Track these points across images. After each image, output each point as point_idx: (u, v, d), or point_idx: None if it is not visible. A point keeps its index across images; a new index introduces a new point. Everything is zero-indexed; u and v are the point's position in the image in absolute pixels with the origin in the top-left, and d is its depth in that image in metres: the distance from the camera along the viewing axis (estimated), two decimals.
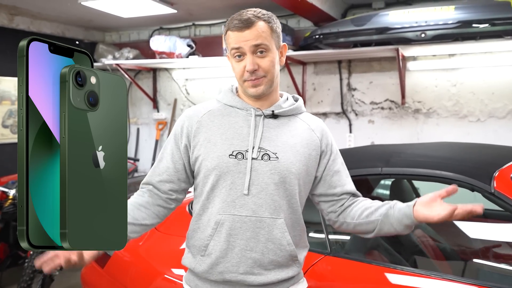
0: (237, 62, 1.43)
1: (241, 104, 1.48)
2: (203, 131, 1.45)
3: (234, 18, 1.43)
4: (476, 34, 3.35)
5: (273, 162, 1.42)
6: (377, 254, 2.16)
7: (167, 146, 1.52)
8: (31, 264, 3.28)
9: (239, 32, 1.41)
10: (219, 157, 1.41)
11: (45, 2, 4.24)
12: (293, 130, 1.48)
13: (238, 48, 1.41)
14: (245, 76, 1.42)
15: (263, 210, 1.41)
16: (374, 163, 1.98)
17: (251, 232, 1.41)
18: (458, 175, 1.71)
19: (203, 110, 1.51)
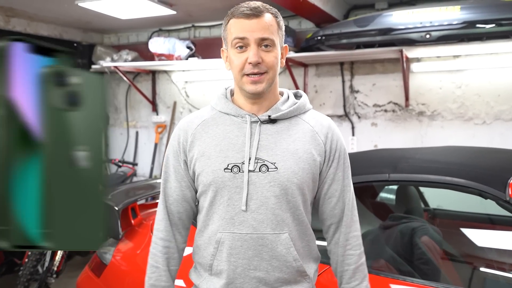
0: (238, 53, 1.30)
1: (235, 111, 1.36)
2: (197, 144, 1.37)
3: (241, 5, 1.32)
4: (482, 35, 3.26)
5: (272, 173, 1.31)
6: (384, 263, 2.08)
7: (169, 163, 1.44)
8: (26, 272, 3.20)
9: (246, 19, 1.29)
10: (214, 171, 1.32)
11: (42, 4, 4.17)
12: (294, 135, 1.36)
13: (242, 38, 1.29)
14: (246, 69, 1.29)
15: (264, 226, 1.31)
16: (381, 169, 1.89)
17: (253, 250, 1.32)
18: (470, 181, 1.62)
19: (196, 120, 1.41)
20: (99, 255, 2.49)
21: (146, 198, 2.71)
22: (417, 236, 2.12)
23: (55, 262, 3.45)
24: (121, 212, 2.46)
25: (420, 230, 2.11)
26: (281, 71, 4.65)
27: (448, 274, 2.21)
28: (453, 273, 2.24)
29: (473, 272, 2.20)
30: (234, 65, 1.32)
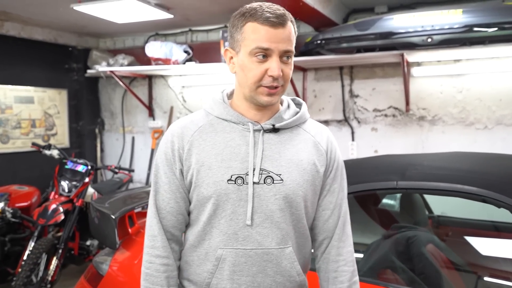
0: (258, 62, 1.20)
1: (237, 118, 1.27)
2: (195, 152, 1.26)
3: (264, 10, 1.19)
4: (484, 39, 3.22)
5: (278, 185, 1.24)
6: (391, 273, 2.02)
7: (161, 173, 1.32)
8: (20, 282, 3.10)
9: (271, 28, 1.19)
10: (216, 183, 1.23)
11: (37, 7, 4.09)
12: (298, 145, 1.30)
13: (266, 49, 1.19)
14: (265, 81, 1.21)
15: (270, 241, 1.24)
16: (388, 176, 1.83)
17: (257, 266, 1.24)
18: (483, 189, 1.56)
19: (193, 126, 1.30)
20: (95, 265, 2.41)
21: (143, 206, 2.64)
22: (414, 246, 2.05)
23: (50, 271, 3.36)
24: (118, 221, 2.38)
25: (416, 239, 2.04)
26: None
27: (453, 283, 2.15)
28: (458, 281, 2.18)
29: (478, 281, 2.14)
30: (251, 74, 1.22)
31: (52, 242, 3.40)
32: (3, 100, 4.69)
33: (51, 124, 5.21)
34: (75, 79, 5.46)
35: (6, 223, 3.55)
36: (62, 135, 5.35)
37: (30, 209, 3.87)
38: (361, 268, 1.96)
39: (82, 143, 5.55)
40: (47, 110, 5.16)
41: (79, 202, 3.68)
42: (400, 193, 2.20)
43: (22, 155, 4.84)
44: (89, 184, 3.82)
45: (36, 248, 3.26)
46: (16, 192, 3.92)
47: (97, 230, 2.62)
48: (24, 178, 4.62)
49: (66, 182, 3.80)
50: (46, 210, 3.50)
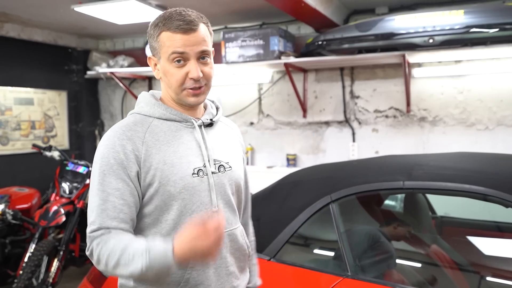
0: (177, 67, 1.28)
1: (180, 116, 1.34)
2: (153, 152, 1.26)
3: (174, 18, 1.27)
4: (486, 39, 3.22)
5: (229, 173, 1.38)
6: (396, 273, 2.01)
7: (108, 180, 1.23)
8: (21, 284, 3.08)
9: (183, 34, 1.26)
10: (182, 178, 1.27)
11: (37, 9, 4.08)
12: (227, 136, 1.46)
13: (182, 53, 1.27)
14: (188, 84, 1.29)
15: (230, 223, 1.37)
16: (394, 176, 1.83)
17: (226, 248, 1.36)
18: (491, 189, 1.56)
19: (139, 128, 1.29)
20: None
21: None
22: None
23: (51, 273, 3.35)
24: None
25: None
26: (281, 76, 4.60)
27: (456, 283, 2.14)
28: (462, 282, 2.18)
29: (481, 281, 2.14)
30: (173, 79, 1.30)
31: (53, 244, 3.38)
32: (3, 102, 4.67)
33: (51, 125, 5.19)
34: (74, 81, 5.45)
35: (6, 225, 3.53)
36: (62, 136, 5.33)
37: (30, 211, 3.85)
38: (367, 268, 1.96)
39: (81, 145, 5.53)
40: (47, 112, 5.14)
41: (80, 204, 3.66)
42: (406, 193, 2.19)
43: (22, 157, 4.82)
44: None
45: (37, 250, 3.24)
46: (17, 194, 3.90)
47: None
48: (24, 180, 4.60)
49: (67, 183, 3.78)
50: (47, 212, 3.48)
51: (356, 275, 1.77)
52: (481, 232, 2.58)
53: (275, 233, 2.01)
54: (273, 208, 2.11)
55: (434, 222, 2.66)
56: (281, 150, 4.66)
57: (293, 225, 1.96)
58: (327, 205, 1.92)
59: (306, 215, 1.95)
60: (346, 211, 1.96)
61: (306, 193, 2.02)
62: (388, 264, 2.02)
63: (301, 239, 2.05)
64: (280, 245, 1.96)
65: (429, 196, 2.64)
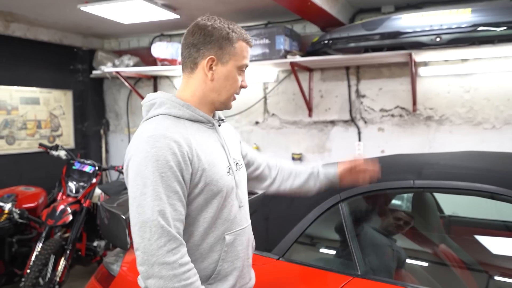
0: (239, 75, 1.40)
1: (206, 118, 1.40)
2: (200, 154, 1.31)
3: (244, 31, 1.41)
4: (493, 38, 3.21)
5: (242, 169, 1.48)
6: (405, 273, 2.00)
7: (167, 182, 1.23)
8: (28, 283, 3.09)
9: (250, 48, 1.42)
10: (222, 177, 1.35)
11: (43, 8, 4.09)
12: (229, 133, 1.54)
13: (247, 65, 1.41)
14: (238, 90, 1.42)
15: (247, 217, 1.48)
16: (404, 175, 1.82)
17: (246, 240, 1.45)
18: (502, 188, 1.55)
19: (181, 130, 1.31)
20: (106, 266, 2.40)
21: None
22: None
23: (58, 272, 3.35)
24: (129, 221, 2.37)
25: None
26: (287, 75, 4.59)
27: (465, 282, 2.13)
28: (471, 281, 2.17)
29: (489, 280, 2.13)
30: (235, 84, 1.40)
31: (60, 243, 3.39)
32: (9, 101, 4.69)
33: (57, 125, 5.20)
34: (80, 80, 5.46)
35: (13, 224, 3.54)
36: (67, 136, 5.35)
37: (37, 210, 3.86)
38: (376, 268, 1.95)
39: (87, 144, 5.54)
40: (53, 111, 5.15)
41: (86, 203, 3.67)
42: (417, 192, 2.18)
43: (28, 156, 4.84)
44: (96, 185, 3.81)
45: (44, 249, 3.24)
46: (23, 193, 3.91)
47: (108, 231, 2.61)
48: (30, 179, 4.61)
49: (74, 182, 3.79)
50: (54, 210, 3.49)
51: (366, 274, 1.76)
52: (489, 231, 2.57)
53: (284, 232, 2.00)
54: (282, 207, 2.10)
55: (442, 222, 2.65)
56: (286, 150, 4.66)
57: (301, 225, 1.96)
58: (336, 204, 1.91)
59: (315, 214, 1.94)
60: (355, 210, 1.95)
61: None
62: (397, 264, 2.02)
63: (310, 239, 2.04)
64: (289, 244, 1.95)
65: (437, 196, 2.63)
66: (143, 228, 1.21)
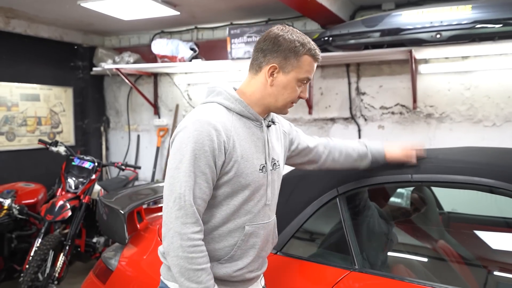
0: (299, 87, 1.48)
1: (255, 116, 1.49)
2: (237, 146, 1.42)
3: (315, 47, 1.47)
4: (494, 35, 3.20)
5: (277, 170, 1.56)
6: (403, 268, 2.00)
7: (198, 163, 1.36)
8: (27, 278, 3.09)
9: (316, 63, 1.48)
10: (252, 173, 1.44)
11: (43, 4, 4.09)
12: (278, 135, 1.61)
13: (310, 79, 1.48)
14: (295, 100, 1.50)
15: (272, 214, 1.58)
16: (402, 169, 1.81)
17: (266, 234, 1.54)
18: (501, 182, 1.54)
19: (226, 121, 1.42)
20: (104, 260, 2.40)
21: (149, 202, 2.62)
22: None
23: (57, 268, 3.35)
24: (127, 216, 2.37)
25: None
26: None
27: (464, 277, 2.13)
28: (469, 276, 2.16)
29: (488, 276, 2.12)
30: (293, 94, 1.48)
31: (59, 239, 3.39)
32: (9, 98, 4.69)
33: (57, 122, 5.20)
34: (80, 77, 5.46)
35: (13, 220, 3.54)
36: (68, 133, 5.35)
37: (36, 206, 3.86)
38: (374, 262, 1.95)
39: (87, 141, 5.54)
40: (53, 108, 5.16)
41: (86, 199, 3.66)
42: (415, 186, 2.17)
43: (28, 153, 4.84)
44: (96, 181, 3.81)
45: (43, 245, 3.24)
46: (23, 189, 3.91)
47: (106, 226, 2.61)
48: (30, 175, 4.61)
49: (73, 178, 3.79)
50: (53, 206, 3.49)
51: (363, 268, 1.76)
52: (488, 227, 2.56)
53: (282, 226, 1.99)
54: (280, 201, 2.09)
55: (441, 218, 2.64)
56: None
57: (299, 219, 1.95)
58: (334, 198, 1.91)
59: (313, 208, 1.94)
60: (353, 204, 1.95)
61: (312, 187, 2.01)
62: (396, 259, 2.01)
63: (308, 233, 2.04)
64: (287, 238, 1.95)
65: (436, 192, 2.63)
66: (170, 197, 1.37)
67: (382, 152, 1.84)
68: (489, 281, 2.03)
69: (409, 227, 2.28)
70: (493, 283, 2.04)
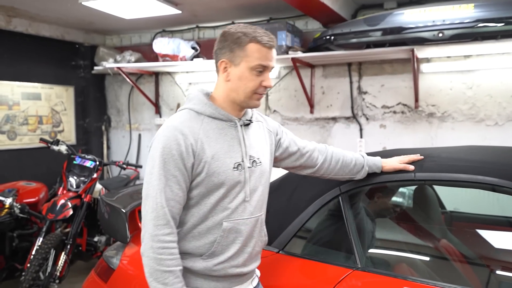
0: (256, 76, 1.48)
1: (227, 116, 1.53)
2: (205, 147, 1.46)
3: (263, 34, 1.47)
4: (496, 33, 3.19)
5: (259, 167, 1.58)
6: (406, 267, 1.99)
7: (168, 167, 1.42)
8: (29, 277, 3.09)
9: (269, 49, 1.48)
10: (225, 172, 1.47)
11: (45, 3, 4.08)
12: (259, 132, 1.64)
13: (265, 66, 1.48)
14: (260, 90, 1.50)
15: (256, 210, 1.57)
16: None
17: (248, 231, 1.55)
18: (504, 180, 1.53)
19: (195, 124, 1.48)
20: (106, 259, 2.39)
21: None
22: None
23: (58, 267, 3.35)
24: (129, 215, 2.37)
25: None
26: (288, 71, 4.58)
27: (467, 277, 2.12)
28: (471, 275, 2.16)
29: (490, 275, 2.12)
30: (250, 84, 1.49)
31: (60, 238, 3.39)
32: (11, 97, 4.69)
33: (58, 120, 5.20)
34: (81, 76, 5.45)
35: (14, 219, 3.53)
36: (69, 132, 5.35)
37: (37, 205, 3.86)
38: (377, 261, 1.94)
39: (88, 140, 5.54)
40: (54, 107, 5.15)
41: (87, 198, 3.66)
42: (418, 185, 2.16)
43: (29, 152, 4.84)
44: (97, 180, 3.80)
45: (45, 244, 3.24)
46: (24, 188, 3.91)
47: (108, 225, 2.60)
48: (31, 174, 4.61)
49: (74, 177, 3.78)
50: (55, 205, 3.49)
51: (366, 267, 1.75)
52: (491, 226, 2.56)
53: (284, 225, 1.99)
54: (282, 200, 2.09)
55: (444, 217, 2.63)
56: None
57: (302, 218, 1.95)
58: (337, 197, 1.90)
59: (315, 207, 1.93)
60: (356, 203, 1.94)
61: (315, 185, 2.00)
62: (398, 258, 2.00)
63: (310, 232, 2.03)
64: (289, 237, 1.94)
65: (439, 191, 2.62)
66: (146, 201, 1.44)
67: (379, 164, 1.86)
68: (491, 280, 2.03)
69: (411, 226, 2.27)
70: (495, 282, 2.03)
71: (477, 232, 2.49)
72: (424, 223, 2.37)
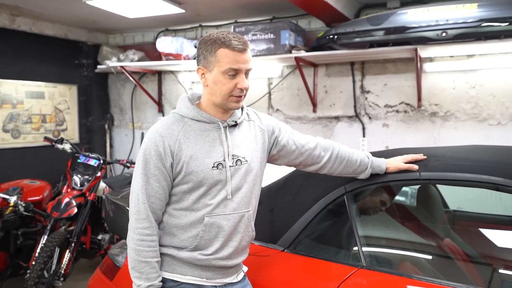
0: (229, 79, 1.55)
1: (209, 119, 1.61)
2: (184, 148, 1.56)
3: (232, 38, 1.53)
4: (500, 33, 3.19)
5: (244, 165, 1.64)
6: (410, 265, 2.00)
7: (149, 166, 1.55)
8: (34, 275, 3.11)
9: (239, 53, 1.54)
10: (203, 171, 1.56)
11: (48, 2, 4.10)
12: (248, 132, 1.70)
13: (236, 69, 1.54)
14: (235, 92, 1.57)
15: (241, 206, 1.63)
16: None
17: (233, 225, 1.62)
18: (509, 180, 1.54)
19: (175, 127, 1.58)
20: (111, 257, 2.41)
21: None
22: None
23: (62, 265, 3.37)
24: None
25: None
26: (291, 70, 4.59)
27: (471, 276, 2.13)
28: (475, 274, 2.17)
29: (493, 274, 2.13)
30: (224, 88, 1.56)
31: (65, 236, 3.40)
32: (14, 95, 4.71)
33: (61, 119, 5.22)
34: (85, 75, 5.47)
35: (18, 217, 3.55)
36: (72, 130, 5.36)
37: (42, 203, 3.88)
38: (381, 260, 1.95)
39: (91, 139, 5.56)
40: (58, 106, 5.17)
41: (91, 196, 3.68)
42: (423, 184, 2.17)
43: (33, 150, 4.86)
44: (101, 178, 3.82)
45: (49, 242, 3.26)
46: (28, 186, 3.93)
47: (113, 223, 2.62)
48: (35, 172, 4.63)
49: (79, 176, 3.80)
50: (59, 203, 3.50)
51: (371, 266, 1.76)
52: (494, 225, 2.56)
53: (289, 224, 2.00)
54: (287, 199, 2.10)
55: (447, 216, 2.64)
56: None
57: (307, 216, 1.96)
58: (342, 196, 1.91)
59: (320, 206, 1.95)
60: (361, 202, 1.95)
61: (320, 184, 2.01)
62: (402, 257, 2.02)
63: (315, 230, 2.04)
64: (294, 236, 1.96)
65: (442, 191, 2.63)
66: (131, 197, 1.58)
67: (383, 167, 1.89)
68: (494, 279, 2.04)
69: (415, 225, 2.28)
70: (498, 280, 2.04)
71: (480, 231, 2.50)
72: (427, 222, 2.38)
